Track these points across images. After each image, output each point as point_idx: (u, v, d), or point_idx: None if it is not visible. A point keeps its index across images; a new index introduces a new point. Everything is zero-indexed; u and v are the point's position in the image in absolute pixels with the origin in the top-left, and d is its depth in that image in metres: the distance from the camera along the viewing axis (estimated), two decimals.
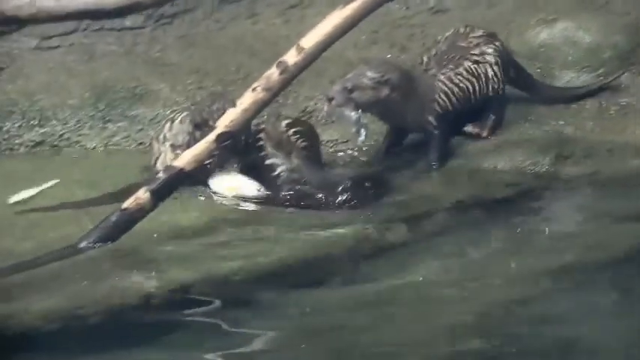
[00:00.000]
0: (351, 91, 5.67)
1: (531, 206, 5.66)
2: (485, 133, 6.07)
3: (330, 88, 5.75)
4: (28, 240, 5.06)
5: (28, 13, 4.57)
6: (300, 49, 4.97)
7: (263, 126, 5.68)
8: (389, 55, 6.75)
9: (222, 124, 4.98)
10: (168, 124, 5.78)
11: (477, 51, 6.05)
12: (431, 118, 5.91)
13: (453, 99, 5.97)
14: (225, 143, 4.97)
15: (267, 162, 5.57)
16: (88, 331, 4.32)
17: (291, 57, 4.98)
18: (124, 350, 4.19)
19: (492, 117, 6.08)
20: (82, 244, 4.88)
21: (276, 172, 5.56)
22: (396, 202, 5.57)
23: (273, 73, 4.98)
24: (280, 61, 4.98)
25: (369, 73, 5.73)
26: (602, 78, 6.48)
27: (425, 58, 6.06)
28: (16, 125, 6.41)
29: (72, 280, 4.66)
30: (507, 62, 6.15)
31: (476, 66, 6.02)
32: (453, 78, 5.98)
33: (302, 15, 6.96)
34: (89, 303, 4.45)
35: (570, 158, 5.98)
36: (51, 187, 5.77)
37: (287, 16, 7.02)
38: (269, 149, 5.59)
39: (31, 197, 5.63)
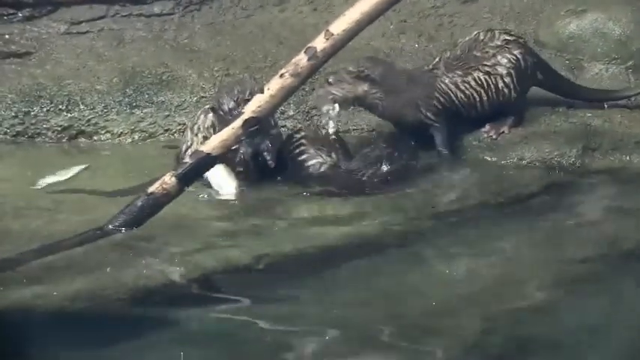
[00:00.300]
0: (329, 84, 5.77)
1: (558, 198, 5.59)
2: (505, 130, 6.02)
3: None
4: (54, 223, 5.06)
5: None
6: (328, 35, 4.91)
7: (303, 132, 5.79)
8: (416, 45, 6.73)
9: (250, 109, 4.93)
10: (202, 116, 5.74)
11: (490, 62, 5.96)
12: (430, 114, 5.89)
13: (455, 100, 5.93)
14: (253, 129, 4.93)
15: (309, 162, 5.68)
16: (112, 313, 4.30)
17: (320, 43, 4.93)
18: (146, 333, 4.17)
19: (512, 118, 6.03)
20: (108, 228, 4.86)
21: (316, 168, 5.67)
22: (422, 194, 5.54)
23: (302, 59, 4.93)
24: (309, 47, 4.93)
25: (350, 68, 5.80)
26: (630, 70, 6.43)
27: (437, 59, 6.04)
28: (44, 110, 6.42)
29: (98, 264, 4.64)
30: (531, 68, 6.04)
31: (486, 77, 5.95)
32: (459, 84, 5.93)
33: (329, 3, 6.94)
34: (114, 286, 4.44)
35: (597, 150, 5.93)
36: (80, 172, 5.78)
37: (314, 4, 7.00)
38: (311, 151, 5.67)
39: (63, 181, 5.65)
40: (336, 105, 5.76)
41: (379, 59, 6.09)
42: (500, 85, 5.96)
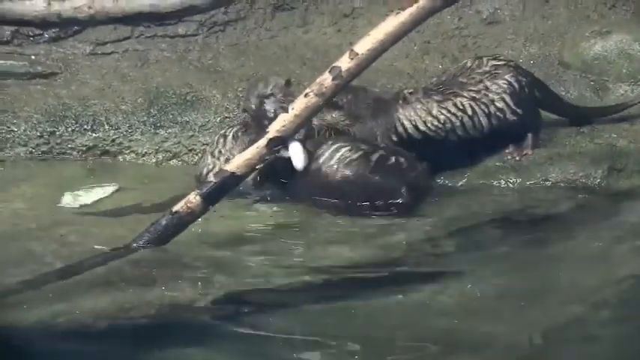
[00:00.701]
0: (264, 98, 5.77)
1: (583, 219, 5.55)
2: (528, 151, 5.99)
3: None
4: (79, 242, 5.06)
5: (86, 14, 4.55)
6: (353, 55, 4.91)
7: None
8: (440, 66, 6.71)
9: (274, 128, 4.93)
10: (221, 140, 5.78)
11: (476, 87, 5.94)
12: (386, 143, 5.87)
13: (423, 127, 5.89)
14: (277, 148, 4.93)
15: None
16: (135, 332, 4.28)
17: (345, 63, 4.92)
18: (170, 352, 4.15)
19: (529, 139, 6.00)
20: (133, 247, 4.85)
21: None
22: (443, 215, 5.51)
23: (326, 79, 4.93)
24: (333, 67, 4.93)
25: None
26: None
27: (424, 85, 6.06)
28: (69, 130, 6.44)
29: (122, 282, 4.63)
30: (528, 88, 5.99)
31: (471, 102, 5.92)
32: (433, 109, 5.90)
33: (353, 25, 6.96)
34: (138, 305, 4.42)
35: (623, 171, 5.88)
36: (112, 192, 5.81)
37: (338, 26, 7.02)
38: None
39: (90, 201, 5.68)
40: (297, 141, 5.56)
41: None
42: (492, 109, 5.93)
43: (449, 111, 5.92)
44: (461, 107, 5.92)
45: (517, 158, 5.97)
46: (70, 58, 6.84)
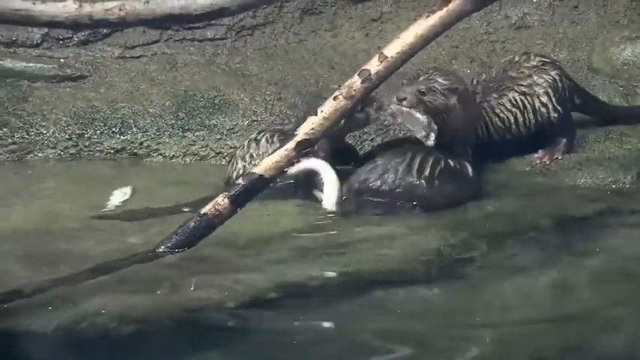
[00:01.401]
0: (423, 93, 5.62)
1: (612, 224, 5.50)
2: (559, 156, 5.95)
3: (400, 89, 5.67)
4: (107, 244, 5.06)
5: (117, 16, 4.56)
6: (382, 58, 4.90)
7: None
8: (468, 71, 6.69)
9: (303, 131, 4.92)
10: (253, 144, 5.76)
11: (526, 82, 5.90)
12: (469, 145, 5.79)
13: (492, 129, 5.86)
14: (305, 151, 4.92)
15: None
16: (162, 334, 4.27)
17: (374, 66, 4.91)
18: (197, 355, 4.14)
19: (563, 140, 5.96)
20: (161, 249, 4.85)
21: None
22: (473, 218, 5.48)
23: (355, 82, 4.92)
24: (363, 70, 4.92)
25: (440, 79, 5.64)
26: None
27: (474, 81, 5.98)
28: (98, 132, 6.46)
29: (149, 284, 4.63)
30: (568, 90, 5.98)
31: (522, 97, 5.88)
32: (495, 108, 5.87)
33: (381, 29, 6.94)
34: (165, 307, 4.42)
35: None
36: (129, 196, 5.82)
37: (367, 30, 7.00)
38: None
39: (116, 203, 5.70)
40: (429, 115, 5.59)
41: (457, 74, 5.93)
42: (537, 104, 5.89)
43: (506, 108, 5.88)
44: (515, 103, 5.88)
45: (547, 163, 5.93)
46: (99, 61, 6.85)
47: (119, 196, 5.74)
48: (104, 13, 4.63)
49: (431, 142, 5.57)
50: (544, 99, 5.90)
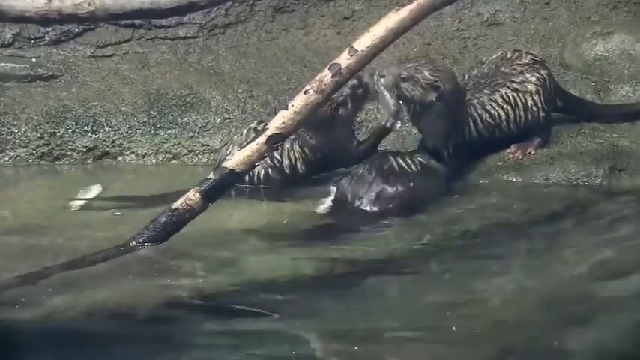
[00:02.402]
0: (403, 79, 5.65)
1: (584, 219, 5.54)
2: (532, 150, 5.99)
3: (386, 67, 5.74)
4: (79, 239, 5.07)
5: (87, 11, 4.56)
6: (353, 52, 4.91)
7: None
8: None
9: (274, 125, 4.93)
10: (252, 134, 5.65)
11: (518, 79, 5.93)
12: (450, 146, 5.82)
13: (480, 126, 5.87)
14: (276, 145, 4.93)
15: None
16: (132, 329, 4.27)
17: (344, 60, 4.92)
18: (167, 350, 4.14)
19: (537, 139, 6.00)
20: (132, 244, 4.85)
21: None
22: (444, 216, 5.51)
23: (326, 76, 4.92)
24: (333, 64, 4.92)
25: (426, 72, 5.67)
26: None
27: (466, 77, 5.98)
28: (70, 131, 6.47)
29: (120, 279, 4.63)
30: (553, 91, 6.03)
31: (514, 94, 5.90)
32: (486, 104, 5.88)
33: (353, 27, 6.97)
34: (135, 302, 4.42)
35: (624, 171, 5.88)
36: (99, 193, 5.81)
37: (339, 28, 7.04)
38: None
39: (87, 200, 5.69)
40: (401, 102, 5.64)
41: (453, 74, 5.88)
42: (530, 102, 5.92)
43: (497, 104, 5.89)
44: (507, 99, 5.89)
45: (520, 157, 5.97)
46: (71, 60, 6.87)
47: (89, 193, 5.73)
48: (73, 8, 4.63)
49: (390, 126, 5.64)
50: (536, 97, 5.93)
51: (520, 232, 5.31)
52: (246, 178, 5.61)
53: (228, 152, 5.76)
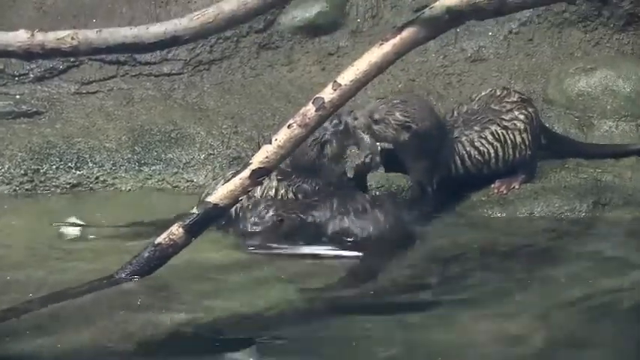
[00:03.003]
0: (375, 122, 5.75)
1: (568, 253, 5.58)
2: (516, 185, 6.03)
3: (361, 108, 5.86)
4: (62, 272, 5.08)
5: (69, 45, 4.61)
6: (336, 86, 4.97)
7: None
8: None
9: (257, 160, 4.97)
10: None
11: (508, 116, 6.00)
12: (434, 180, 5.91)
13: (468, 163, 5.94)
14: (260, 179, 4.97)
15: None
16: None
17: (328, 94, 4.97)
18: None
19: (522, 176, 6.06)
20: (116, 278, 4.86)
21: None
22: (427, 249, 5.54)
23: (309, 110, 4.98)
24: (317, 98, 4.98)
25: (398, 114, 5.76)
26: None
27: (455, 113, 6.04)
28: (53, 167, 6.49)
29: (104, 313, 4.63)
30: (539, 129, 6.12)
31: (504, 131, 5.97)
32: (475, 141, 5.95)
33: (338, 63, 7.03)
34: (120, 336, 4.43)
35: (608, 205, 5.94)
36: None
37: (323, 64, 7.10)
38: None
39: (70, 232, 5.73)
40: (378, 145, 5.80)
41: (429, 111, 5.93)
42: (518, 140, 5.99)
43: (487, 141, 5.96)
44: (497, 137, 5.96)
45: (504, 192, 6.02)
46: (55, 97, 6.91)
47: (71, 229, 5.75)
48: (56, 42, 4.68)
49: (368, 163, 5.73)
50: (524, 135, 6.00)
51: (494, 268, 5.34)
52: (241, 226, 5.62)
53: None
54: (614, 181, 6.08)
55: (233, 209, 5.35)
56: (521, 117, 6.01)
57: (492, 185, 6.05)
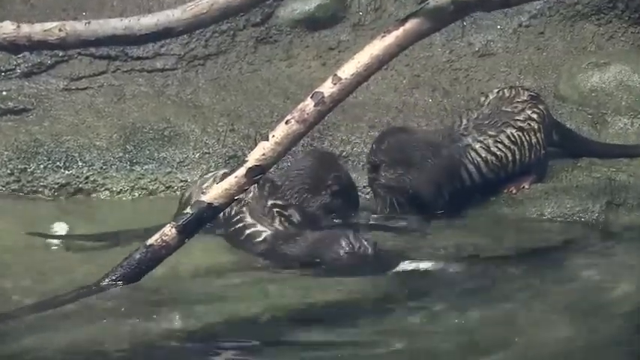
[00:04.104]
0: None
1: (580, 257, 5.58)
2: (526, 185, 6.05)
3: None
4: (50, 278, 5.10)
5: (57, 37, 4.63)
6: (336, 80, 4.97)
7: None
8: (430, 100, 6.80)
9: (254, 157, 4.97)
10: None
11: (521, 117, 6.02)
12: (445, 193, 5.94)
13: (485, 169, 5.96)
14: (257, 178, 4.97)
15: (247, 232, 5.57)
16: None
17: (327, 88, 4.98)
18: None
19: (533, 176, 6.08)
20: (105, 283, 4.87)
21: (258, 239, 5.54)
22: (437, 250, 5.55)
23: (308, 105, 4.98)
24: (315, 92, 4.98)
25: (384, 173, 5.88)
26: None
27: (464, 120, 6.04)
28: (41, 167, 6.49)
29: (94, 319, 4.65)
30: (550, 126, 6.14)
31: (520, 133, 5.99)
32: (492, 146, 5.97)
33: (339, 58, 7.02)
34: (110, 343, 4.44)
35: (622, 206, 5.94)
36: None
37: (324, 59, 7.11)
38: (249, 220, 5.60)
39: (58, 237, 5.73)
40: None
41: (396, 137, 5.99)
42: (534, 140, 6.02)
43: (504, 145, 5.98)
44: (513, 139, 5.98)
45: (514, 192, 6.02)
46: (43, 93, 6.91)
47: (59, 230, 5.75)
48: (43, 34, 4.70)
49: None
50: (539, 135, 6.02)
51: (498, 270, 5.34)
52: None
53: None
54: (628, 180, 6.07)
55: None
56: (534, 116, 6.03)
57: (505, 190, 6.05)
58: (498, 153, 5.97)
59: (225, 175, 5.58)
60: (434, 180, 5.91)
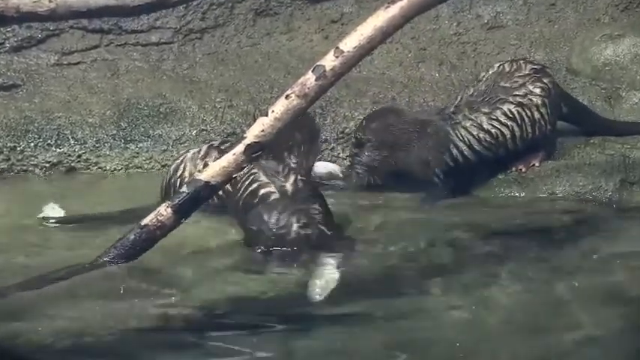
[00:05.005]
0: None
1: (592, 236, 5.58)
2: (536, 162, 6.06)
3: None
4: (43, 257, 5.11)
5: (47, 8, 4.62)
6: (338, 53, 4.95)
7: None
8: (437, 75, 6.79)
9: (252, 133, 4.96)
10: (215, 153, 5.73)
11: (521, 92, 6.01)
12: (437, 171, 5.99)
13: (479, 147, 5.97)
14: (256, 154, 4.96)
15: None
16: (101, 351, 4.30)
17: (329, 61, 4.95)
18: None
19: (542, 152, 6.08)
20: (100, 262, 4.87)
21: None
22: (445, 227, 5.56)
23: (309, 79, 4.96)
24: (317, 66, 4.96)
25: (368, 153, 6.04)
26: None
27: (459, 98, 6.07)
28: (32, 145, 6.50)
29: (87, 298, 4.66)
30: (558, 99, 6.12)
31: (519, 109, 5.99)
32: (485, 124, 5.97)
33: (342, 31, 7.01)
34: (104, 322, 4.45)
35: (637, 184, 5.94)
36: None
37: (326, 32, 7.11)
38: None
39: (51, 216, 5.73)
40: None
41: (387, 118, 6.08)
42: (537, 116, 6.00)
43: (500, 122, 5.99)
44: (510, 115, 5.99)
45: (523, 170, 6.02)
46: (34, 68, 6.92)
47: (50, 211, 5.75)
48: (32, 5, 4.69)
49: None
50: (543, 110, 6.01)
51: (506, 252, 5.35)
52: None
53: (179, 172, 5.78)
54: None
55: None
56: (537, 90, 6.02)
57: (512, 167, 6.06)
58: (493, 130, 5.97)
59: (195, 155, 5.76)
60: (420, 159, 5.98)
